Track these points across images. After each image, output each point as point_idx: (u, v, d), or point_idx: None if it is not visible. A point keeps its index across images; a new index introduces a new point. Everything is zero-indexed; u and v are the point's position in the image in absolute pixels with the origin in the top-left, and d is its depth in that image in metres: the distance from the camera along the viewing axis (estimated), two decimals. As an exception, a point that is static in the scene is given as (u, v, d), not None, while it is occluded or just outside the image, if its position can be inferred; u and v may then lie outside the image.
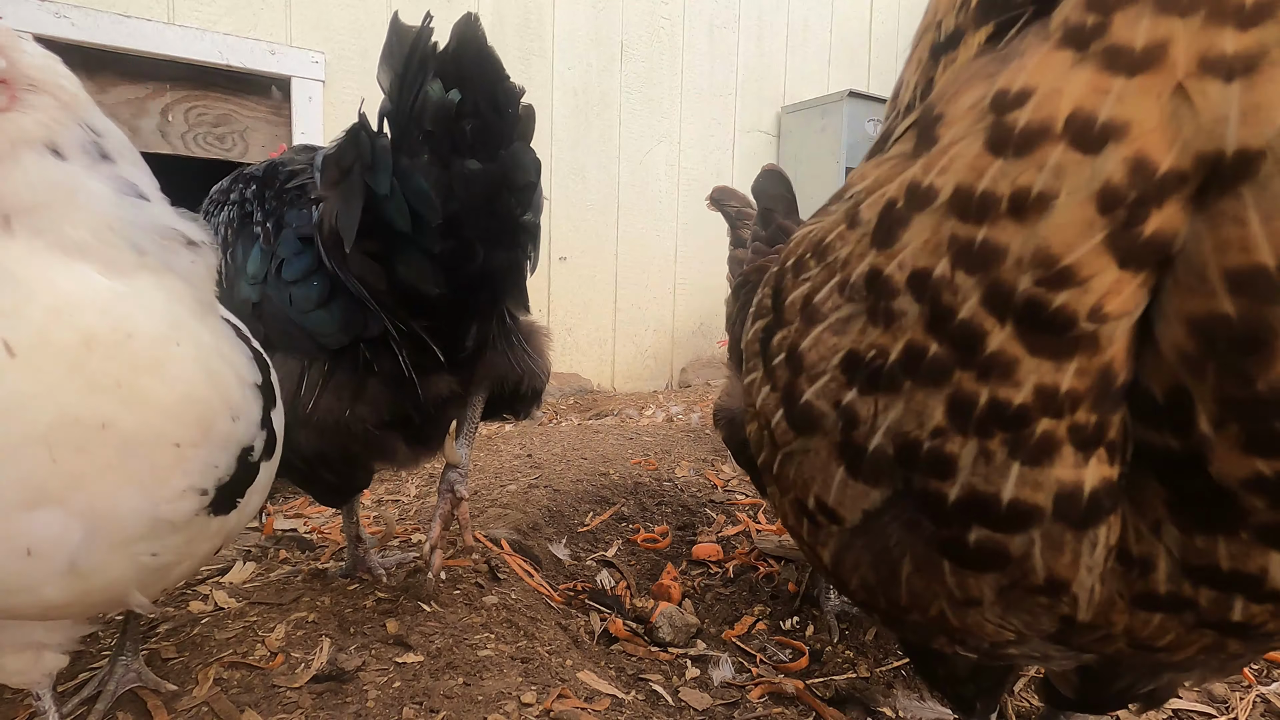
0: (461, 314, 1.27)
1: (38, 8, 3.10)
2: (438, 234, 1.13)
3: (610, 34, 4.78)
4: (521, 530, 1.89)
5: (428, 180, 1.10)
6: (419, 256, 1.15)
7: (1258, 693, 1.27)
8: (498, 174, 1.15)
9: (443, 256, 1.15)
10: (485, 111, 1.13)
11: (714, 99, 5.29)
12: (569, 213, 4.71)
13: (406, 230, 1.11)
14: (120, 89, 3.45)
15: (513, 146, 1.17)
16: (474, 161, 1.13)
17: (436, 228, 1.12)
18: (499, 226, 1.20)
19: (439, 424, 1.41)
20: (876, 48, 6.15)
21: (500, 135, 1.15)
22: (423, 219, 1.10)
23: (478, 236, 1.17)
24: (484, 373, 1.39)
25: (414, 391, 1.27)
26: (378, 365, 1.25)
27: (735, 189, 2.28)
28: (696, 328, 5.39)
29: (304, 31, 3.74)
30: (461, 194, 1.13)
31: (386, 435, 1.32)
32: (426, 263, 1.15)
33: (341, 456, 1.31)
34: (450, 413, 1.41)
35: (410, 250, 1.14)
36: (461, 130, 1.11)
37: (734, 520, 2.15)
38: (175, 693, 1.15)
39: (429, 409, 1.33)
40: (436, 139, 1.10)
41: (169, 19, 3.42)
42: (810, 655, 1.55)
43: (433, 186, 1.10)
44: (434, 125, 1.09)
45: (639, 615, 1.68)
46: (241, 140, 3.76)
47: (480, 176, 1.13)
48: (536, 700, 1.18)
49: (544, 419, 3.66)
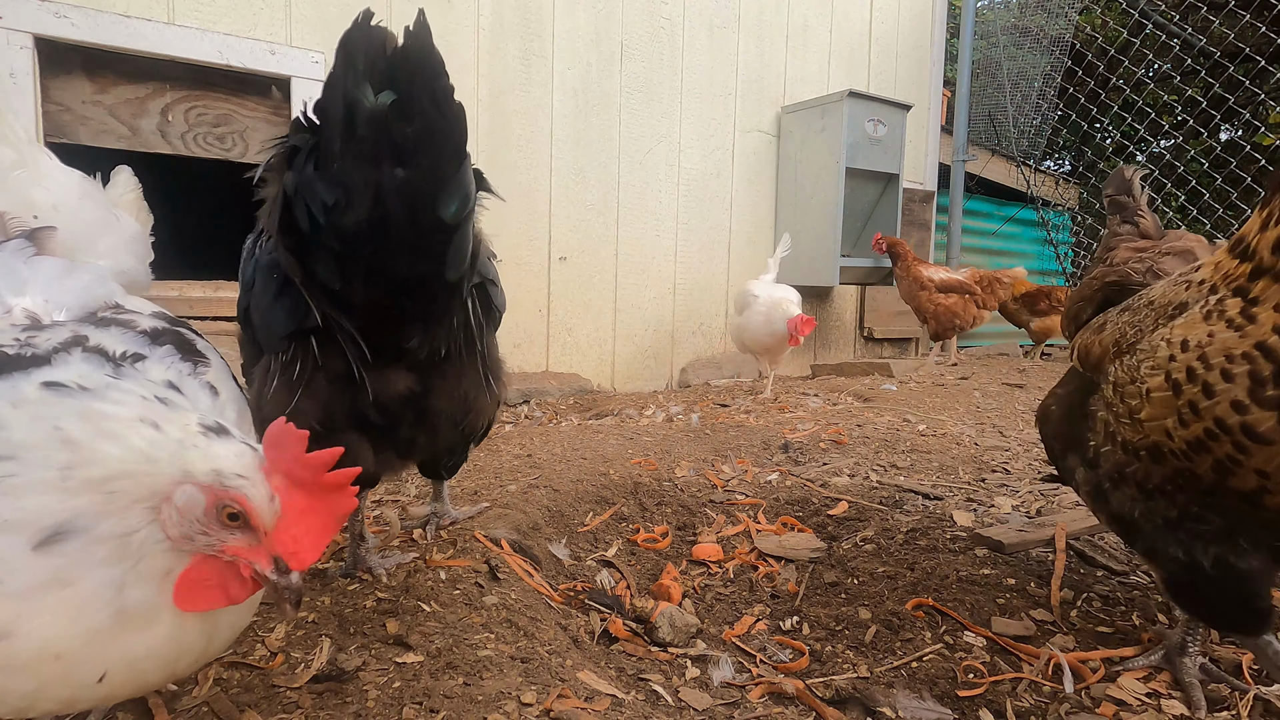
0: (391, 317, 1.25)
1: (38, 8, 3.10)
2: (340, 237, 1.11)
3: (610, 34, 4.78)
4: (521, 530, 1.89)
5: (333, 185, 1.08)
6: (326, 255, 1.14)
7: (1256, 693, 1.27)
8: (420, 184, 1.11)
9: (353, 258, 1.14)
10: (428, 111, 1.09)
11: (714, 99, 5.29)
12: (569, 212, 4.71)
13: (306, 230, 1.11)
14: (120, 89, 3.44)
15: (438, 158, 1.12)
16: (400, 169, 1.10)
17: (339, 231, 1.10)
18: (419, 236, 1.15)
19: (403, 427, 1.40)
20: (876, 48, 6.15)
21: (437, 140, 1.11)
22: (320, 222, 1.10)
23: (398, 243, 1.15)
24: (443, 381, 1.40)
25: (364, 390, 1.28)
26: (325, 361, 1.26)
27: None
28: (696, 328, 5.39)
29: (304, 31, 3.75)
30: (385, 200, 1.10)
31: (343, 436, 1.31)
32: (334, 262, 1.14)
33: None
34: (414, 416, 1.39)
35: (318, 249, 1.14)
36: (395, 136, 1.08)
37: (734, 520, 2.15)
38: (175, 693, 1.15)
39: (387, 407, 1.32)
40: (363, 143, 1.08)
41: (169, 19, 3.42)
42: (810, 655, 1.55)
43: (342, 191, 1.08)
44: (365, 130, 1.07)
45: (639, 615, 1.68)
46: (241, 140, 3.76)
47: (403, 186, 1.10)
48: (536, 700, 1.18)
49: (544, 419, 3.66)
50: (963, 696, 1.34)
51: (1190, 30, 6.51)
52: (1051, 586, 1.63)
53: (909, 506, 2.13)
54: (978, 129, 7.17)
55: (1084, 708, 1.27)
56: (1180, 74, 7.12)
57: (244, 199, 2.31)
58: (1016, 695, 1.33)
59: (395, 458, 1.49)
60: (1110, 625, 1.51)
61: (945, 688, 1.37)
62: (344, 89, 1.06)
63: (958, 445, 2.75)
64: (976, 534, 1.87)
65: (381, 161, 1.08)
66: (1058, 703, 1.29)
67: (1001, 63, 6.97)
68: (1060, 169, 8.97)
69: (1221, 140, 7.76)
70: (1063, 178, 7.89)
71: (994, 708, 1.31)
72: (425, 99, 1.08)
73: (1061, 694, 1.31)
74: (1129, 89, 6.26)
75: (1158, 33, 6.71)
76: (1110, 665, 1.38)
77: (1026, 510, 2.06)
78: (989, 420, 3.19)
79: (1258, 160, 5.32)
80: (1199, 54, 6.21)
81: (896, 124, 5.53)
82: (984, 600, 1.60)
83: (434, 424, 1.44)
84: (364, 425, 1.35)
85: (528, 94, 4.48)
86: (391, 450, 1.45)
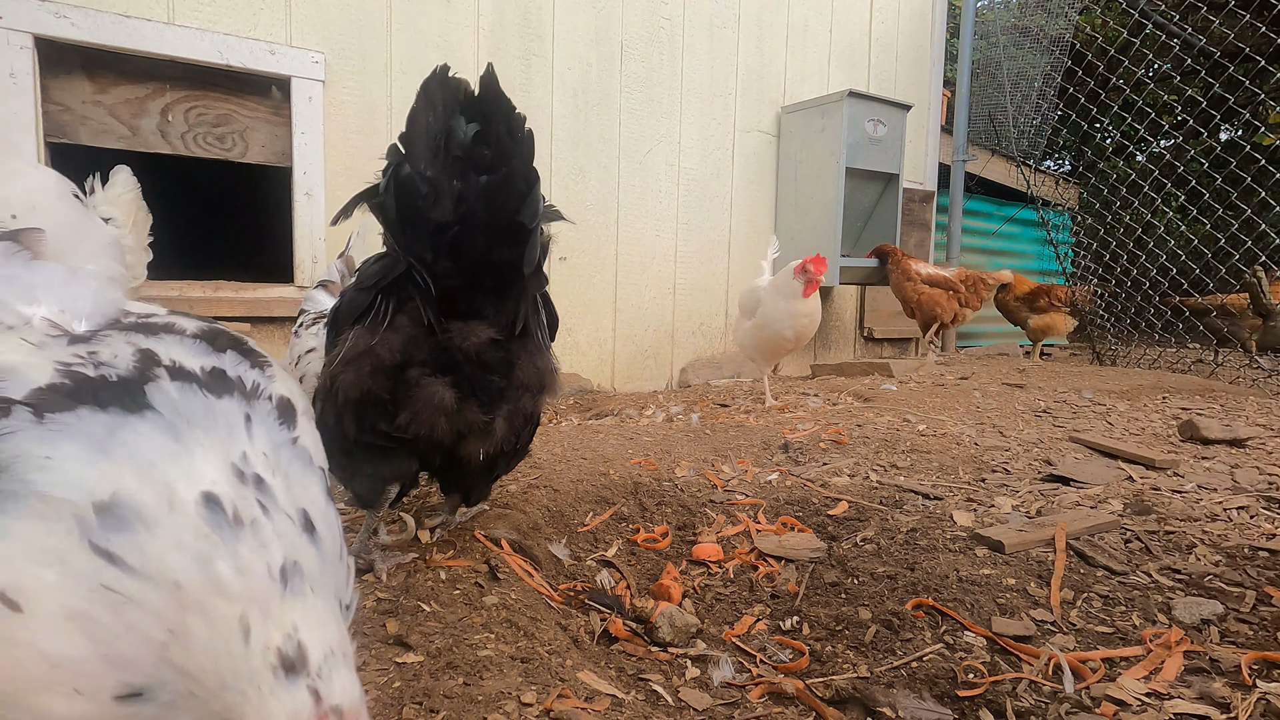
0: (471, 286, 1.48)
1: (38, 8, 3.10)
2: (435, 221, 1.41)
3: (610, 34, 4.78)
4: (521, 530, 1.89)
5: (424, 185, 1.38)
6: (417, 233, 1.43)
7: (1259, 693, 1.27)
8: (497, 184, 1.39)
9: (442, 238, 1.41)
10: (504, 139, 1.40)
11: (714, 99, 5.29)
12: (569, 212, 4.69)
13: (394, 217, 1.42)
14: (120, 89, 3.44)
15: (512, 163, 1.41)
16: (478, 176, 1.40)
17: (432, 216, 1.40)
18: (496, 224, 1.42)
19: (488, 378, 1.52)
20: (876, 48, 6.15)
21: (508, 153, 1.41)
22: (411, 210, 1.40)
23: (477, 229, 1.42)
24: (520, 347, 1.56)
25: (443, 336, 1.46)
26: (407, 307, 1.47)
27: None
28: (696, 328, 5.39)
29: (304, 31, 3.74)
30: (468, 199, 1.40)
31: (422, 376, 1.46)
32: (426, 237, 1.42)
33: (375, 402, 1.47)
34: (499, 373, 1.53)
35: (412, 229, 1.43)
36: (476, 156, 1.39)
37: (734, 520, 2.15)
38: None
39: (470, 354, 1.48)
40: (455, 160, 1.39)
41: (169, 19, 3.42)
42: (810, 655, 1.55)
43: (432, 190, 1.39)
44: (458, 150, 1.39)
45: (639, 615, 1.68)
46: (241, 140, 3.76)
47: (483, 187, 1.39)
48: (536, 700, 1.18)
49: (544, 419, 3.66)
50: (963, 696, 1.34)
51: (1190, 30, 6.50)
52: (1051, 586, 1.63)
53: (909, 506, 2.13)
54: (978, 129, 7.17)
55: (1084, 708, 1.27)
56: (1180, 74, 7.12)
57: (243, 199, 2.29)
58: (1016, 695, 1.33)
59: (478, 409, 1.54)
60: (1110, 625, 1.51)
61: (945, 688, 1.37)
62: (426, 121, 1.39)
63: (958, 445, 2.75)
64: (976, 534, 1.87)
65: (467, 173, 1.39)
66: (1058, 703, 1.29)
67: (1001, 63, 6.97)
68: (1060, 169, 8.97)
69: (1221, 140, 7.76)
70: (1063, 178, 7.88)
71: (994, 708, 1.31)
72: (503, 129, 1.40)
73: (1061, 694, 1.31)
74: (1129, 89, 6.25)
75: (1158, 33, 6.71)
76: (1110, 665, 1.38)
77: (1026, 510, 2.06)
78: (989, 420, 3.18)
79: (1258, 160, 5.32)
80: (1199, 54, 6.21)
81: (896, 124, 5.53)
82: (984, 600, 1.60)
83: (516, 385, 1.57)
84: (447, 368, 1.48)
85: (528, 94, 4.48)
86: (474, 400, 1.54)
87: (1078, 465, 2.49)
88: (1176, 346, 5.93)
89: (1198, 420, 2.91)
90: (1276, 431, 3.03)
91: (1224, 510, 2.06)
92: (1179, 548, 1.82)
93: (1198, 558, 1.76)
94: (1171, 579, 1.67)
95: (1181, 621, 1.50)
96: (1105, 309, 6.16)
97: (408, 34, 3.98)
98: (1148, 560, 1.75)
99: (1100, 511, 2.02)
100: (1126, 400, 3.74)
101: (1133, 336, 6.09)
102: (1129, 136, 7.07)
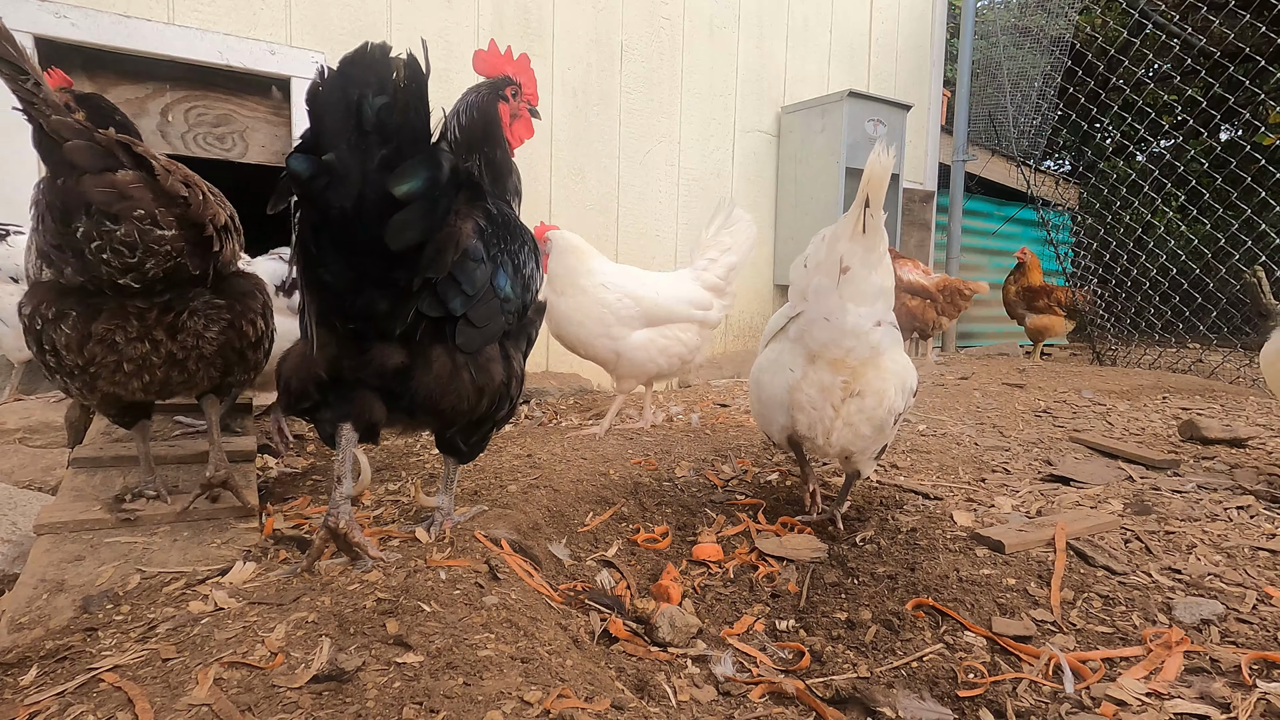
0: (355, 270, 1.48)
1: (38, 8, 3.10)
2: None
3: (610, 34, 4.78)
4: (521, 530, 1.89)
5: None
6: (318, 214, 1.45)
7: (1259, 693, 1.27)
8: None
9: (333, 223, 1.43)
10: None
11: (714, 99, 5.29)
12: (569, 212, 4.71)
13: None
14: (120, 89, 3.44)
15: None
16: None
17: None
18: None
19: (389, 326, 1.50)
20: (876, 48, 6.15)
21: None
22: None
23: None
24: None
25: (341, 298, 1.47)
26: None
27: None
28: (696, 328, 5.38)
29: (304, 31, 3.74)
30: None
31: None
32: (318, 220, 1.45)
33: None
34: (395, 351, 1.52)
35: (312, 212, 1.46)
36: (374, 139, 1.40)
37: (734, 520, 2.15)
38: (174, 693, 1.15)
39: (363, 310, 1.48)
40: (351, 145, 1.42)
41: (169, 19, 3.42)
42: (810, 655, 1.55)
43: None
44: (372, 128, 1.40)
45: (639, 615, 1.68)
46: (241, 140, 3.76)
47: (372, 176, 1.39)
48: (536, 700, 1.17)
49: (544, 419, 3.66)
50: (963, 696, 1.34)
51: (1190, 30, 6.49)
52: (1051, 586, 1.63)
53: (909, 506, 2.13)
54: (978, 129, 7.17)
55: (1084, 708, 1.27)
56: (1180, 74, 7.11)
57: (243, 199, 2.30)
58: (1016, 695, 1.33)
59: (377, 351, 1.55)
60: (1110, 625, 1.51)
61: (945, 688, 1.37)
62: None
63: (958, 445, 2.75)
64: (977, 534, 1.87)
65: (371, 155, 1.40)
66: (1058, 703, 1.29)
67: (1001, 63, 6.96)
68: (1060, 169, 8.96)
69: (1221, 140, 7.76)
70: (1063, 178, 7.87)
71: (994, 708, 1.31)
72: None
73: (1061, 694, 1.31)
74: (1129, 89, 6.25)
75: (1158, 33, 6.70)
76: (1110, 665, 1.38)
77: (1026, 510, 2.06)
78: (989, 420, 3.18)
79: (1258, 160, 5.31)
80: (1199, 54, 6.20)
81: (896, 124, 5.52)
82: (984, 600, 1.60)
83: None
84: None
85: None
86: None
87: (1078, 465, 2.49)
88: (1176, 346, 5.93)
89: (1198, 420, 2.91)
90: (1276, 431, 3.03)
91: (1224, 510, 2.06)
92: (1179, 548, 1.82)
93: (1198, 558, 1.76)
94: (1171, 579, 1.67)
95: (1181, 621, 1.49)
96: (1105, 309, 6.16)
97: (408, 34, 3.98)
98: (1148, 560, 1.75)
99: (1100, 511, 2.02)
100: (1127, 400, 3.74)
101: (1133, 336, 6.09)
102: (1129, 136, 7.07)
